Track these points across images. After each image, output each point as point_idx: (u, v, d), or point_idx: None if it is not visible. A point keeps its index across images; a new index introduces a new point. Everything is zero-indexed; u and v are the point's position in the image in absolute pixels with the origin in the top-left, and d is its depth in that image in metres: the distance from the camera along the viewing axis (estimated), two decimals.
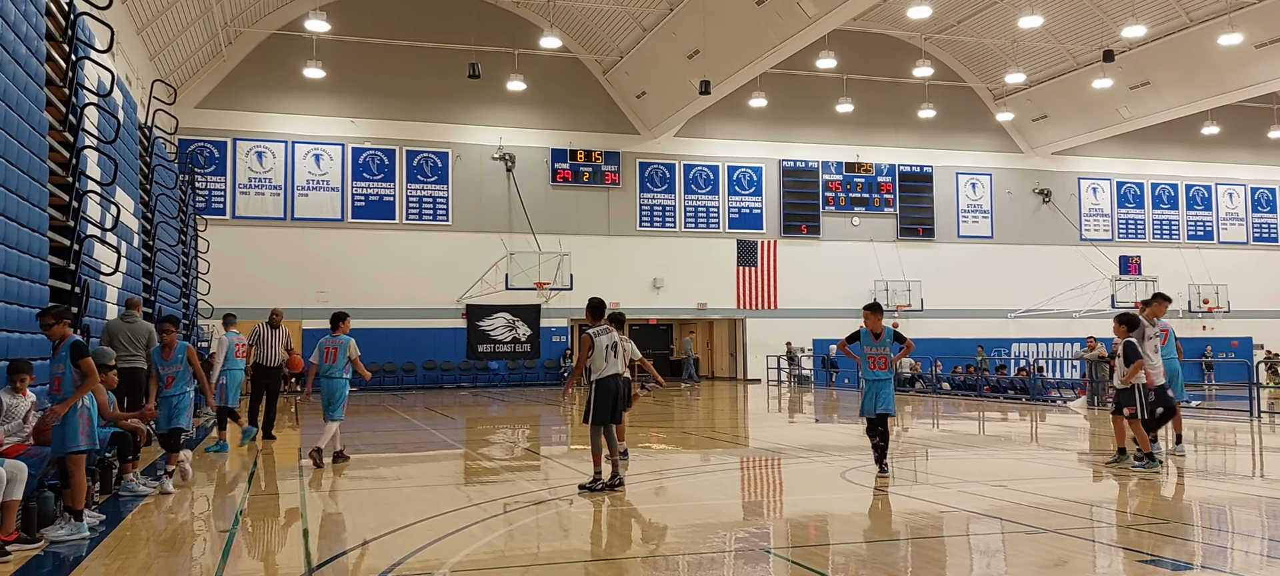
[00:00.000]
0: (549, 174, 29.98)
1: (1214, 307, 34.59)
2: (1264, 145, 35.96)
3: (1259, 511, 8.53)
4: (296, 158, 28.13)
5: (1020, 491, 9.07)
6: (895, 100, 32.19)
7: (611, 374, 8.65)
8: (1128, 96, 29.40)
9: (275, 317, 14.38)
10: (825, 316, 31.48)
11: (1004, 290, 32.02)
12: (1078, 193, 34.73)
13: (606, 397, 8.63)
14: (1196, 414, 19.25)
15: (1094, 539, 7.36)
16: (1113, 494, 9.41)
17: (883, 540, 7.20)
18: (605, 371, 8.60)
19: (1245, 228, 36.45)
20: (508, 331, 28.82)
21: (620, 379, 8.77)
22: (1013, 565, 6.67)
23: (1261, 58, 25.55)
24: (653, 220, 30.91)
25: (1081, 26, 28.38)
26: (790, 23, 22.03)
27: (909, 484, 9.97)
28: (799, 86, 30.80)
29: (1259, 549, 7.01)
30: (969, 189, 33.63)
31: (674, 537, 7.37)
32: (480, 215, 29.24)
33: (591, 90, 30.70)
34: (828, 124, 31.96)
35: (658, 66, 27.69)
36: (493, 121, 29.69)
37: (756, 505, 9.70)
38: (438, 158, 29.27)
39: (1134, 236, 35.20)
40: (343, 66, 27.94)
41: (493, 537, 7.28)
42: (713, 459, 13.03)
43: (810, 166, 32.12)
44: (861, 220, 32.49)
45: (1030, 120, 33.19)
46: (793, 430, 17.38)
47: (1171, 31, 26.81)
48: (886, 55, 31.72)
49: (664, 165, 31.03)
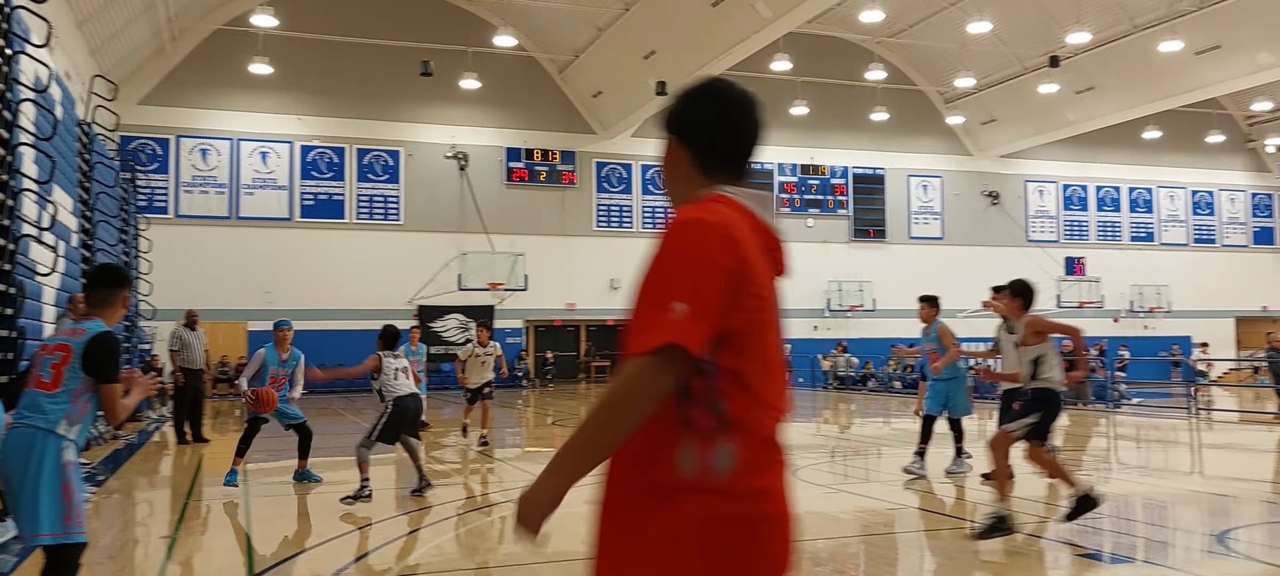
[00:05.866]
0: (503, 173, 29.79)
1: (1155, 308, 35.40)
2: (1203, 149, 36.85)
3: (1199, 508, 8.72)
4: (242, 155, 27.63)
5: (969, 487, 9.17)
6: (849, 103, 32.47)
7: (407, 393, 8.69)
8: (1073, 101, 29.95)
9: (191, 318, 14.19)
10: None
11: (954, 290, 32.25)
12: (1025, 195, 35.31)
13: (400, 419, 8.64)
14: (1137, 411, 19.67)
15: (1040, 535, 7.45)
16: (1054, 490, 9.54)
17: (836, 537, 7.23)
18: (399, 392, 8.64)
19: (1185, 230, 37.33)
20: (461, 332, 28.53)
21: (414, 398, 8.83)
22: (958, 560, 6.74)
23: (1200, 64, 26.17)
24: (610, 220, 30.85)
25: (1029, 32, 28.85)
26: (745, 25, 22.12)
27: (860, 482, 10.05)
28: (754, 88, 29.66)
29: (1197, 543, 7.16)
30: (920, 191, 34.04)
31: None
32: (433, 215, 28.96)
33: (547, 89, 30.56)
34: (783, 126, 32.14)
35: (613, 66, 27.65)
36: (446, 120, 29.41)
37: None
38: (389, 156, 28.93)
39: (1079, 238, 35.87)
40: (291, 63, 27.49)
41: (443, 541, 7.19)
42: None
43: (766, 168, 32.28)
44: (816, 222, 32.73)
45: (979, 123, 33.68)
46: None
47: (1115, 38, 27.35)
48: (840, 58, 31.98)
49: (621, 165, 30.99)
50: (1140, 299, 35.28)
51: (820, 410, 21.37)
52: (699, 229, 1.87)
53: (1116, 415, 18.67)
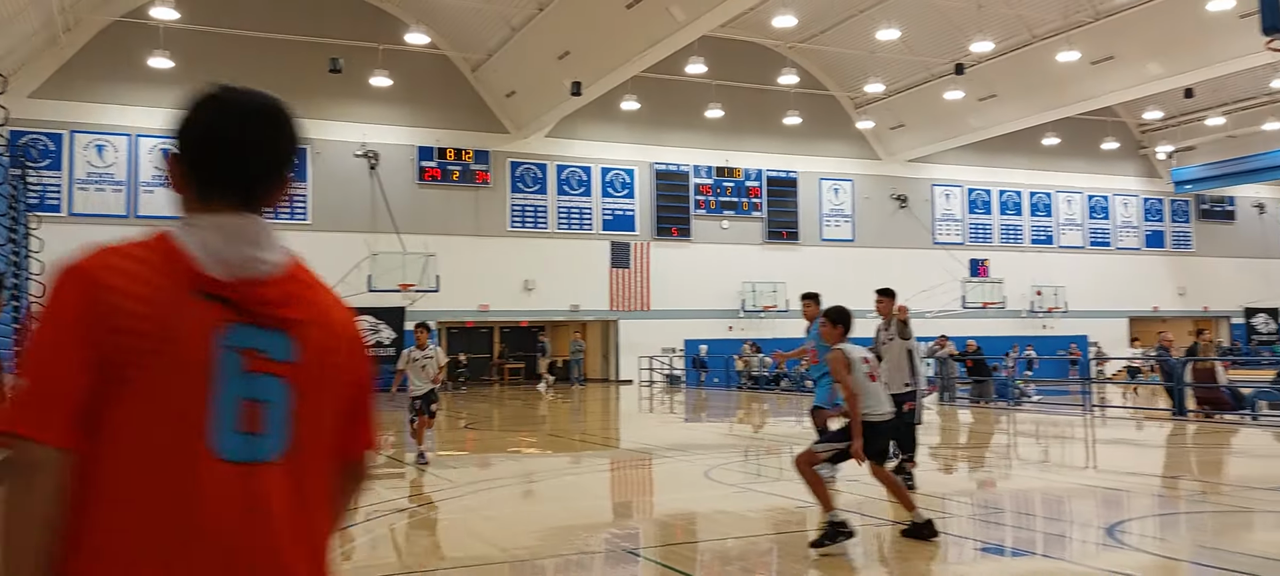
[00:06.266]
0: (415, 172, 29.30)
1: (1053, 308, 36.71)
2: (1098, 156, 38.38)
3: (1094, 501, 9.04)
4: (141, 152, 26.59)
5: (876, 484, 9.33)
6: (763, 107, 32.87)
7: None
8: (976, 108, 30.87)
9: None
10: (697, 318, 31.87)
11: (864, 291, 32.86)
12: (931, 198, 36.25)
13: None
14: (1036, 409, 20.35)
15: (945, 531, 7.62)
16: (957, 486, 9.80)
17: (746, 536, 7.28)
18: None
19: (1082, 233, 38.80)
20: (371, 335, 27.96)
21: None
22: (863, 556, 6.85)
23: (1096, 74, 27.25)
24: (524, 221, 30.61)
25: (934, 40, 29.64)
26: (660, 27, 22.17)
27: (772, 481, 10.14)
28: (670, 90, 31.06)
29: (1093, 537, 7.41)
30: (831, 194, 34.66)
31: (540, 540, 7.27)
32: (341, 214, 28.32)
33: (460, 88, 30.17)
34: (698, 128, 32.36)
35: (528, 66, 27.44)
36: (356, 118, 28.79)
37: (624, 506, 9.68)
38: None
39: (982, 240, 36.97)
40: (193, 57, 26.55)
41: (348, 548, 7.01)
42: (582, 461, 12.97)
43: (681, 170, 32.45)
44: (731, 223, 33.04)
45: (888, 128, 34.45)
46: (662, 430, 17.48)
47: (1016, 47, 28.29)
48: (754, 63, 32.34)
49: (536, 165, 30.78)
50: (1040, 300, 36.54)
51: (733, 410, 21.56)
52: (62, 280, 1.49)
53: (1017, 412, 19.29)
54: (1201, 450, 13.32)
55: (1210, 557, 6.58)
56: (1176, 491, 9.59)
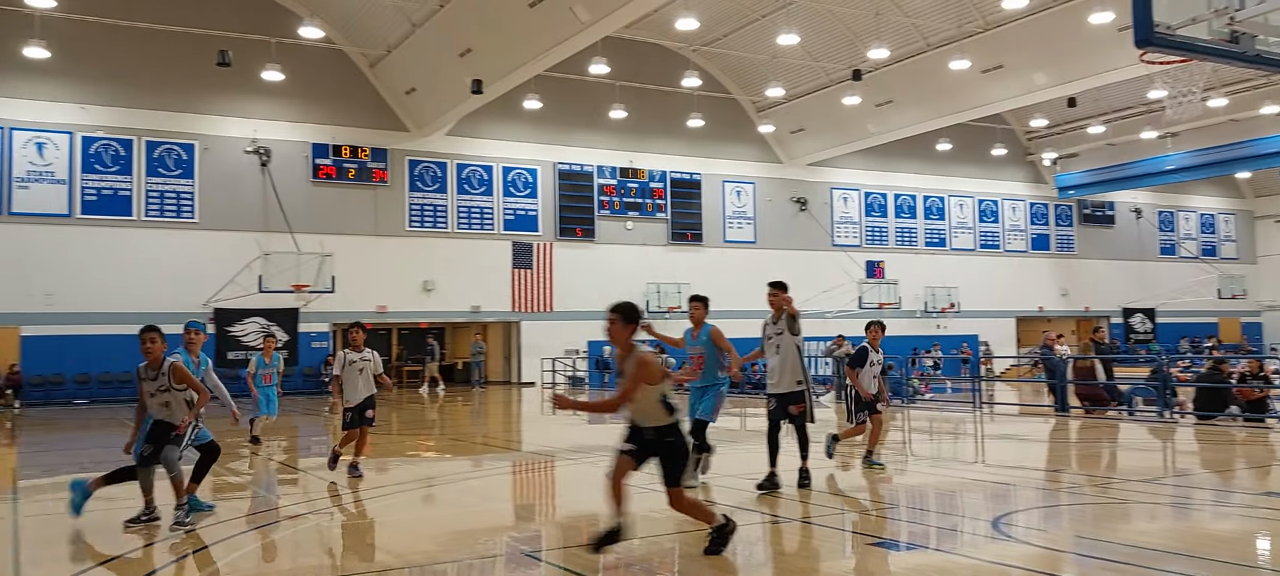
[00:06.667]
0: (310, 170, 28.47)
1: (946, 308, 37.90)
2: (988, 162, 39.81)
3: (983, 494, 9.31)
4: (15, 146, 25.16)
5: (790, 483, 9.41)
6: (667, 109, 33.04)
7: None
8: (874, 113, 31.65)
9: None
10: (600, 319, 31.63)
11: (765, 292, 33.57)
12: (830, 201, 37.03)
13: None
14: (928, 406, 20.95)
15: (842, 527, 7.74)
16: (854, 482, 9.98)
17: (649, 536, 7.24)
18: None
19: (973, 236, 40.19)
20: (262, 337, 27.09)
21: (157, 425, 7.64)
22: (766, 553, 6.90)
23: (986, 82, 28.25)
24: (423, 220, 30.07)
25: (833, 46, 30.28)
26: (563, 27, 22.05)
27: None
28: (574, 90, 30.95)
29: (981, 529, 7.63)
30: (734, 196, 35.07)
31: (440, 546, 7.11)
32: (232, 213, 27.33)
33: (357, 84, 29.46)
34: (602, 129, 32.33)
35: (428, 63, 26.97)
36: (246, 113, 27.82)
37: (526, 509, 9.56)
38: (183, 150, 27.08)
39: (879, 243, 37.93)
40: (72, 47, 25.27)
41: (237, 556, 6.73)
42: (483, 464, 12.78)
43: (585, 170, 32.37)
44: (635, 224, 33.10)
45: (789, 132, 35.04)
46: (565, 433, 17.37)
47: (911, 55, 29.11)
48: (658, 64, 32.48)
49: (435, 164, 30.27)
50: (933, 300, 37.68)
51: None
52: None
53: (912, 409, 19.80)
54: (1082, 444, 13.88)
55: (1089, 547, 6.84)
56: (1058, 484, 9.96)
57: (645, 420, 6.23)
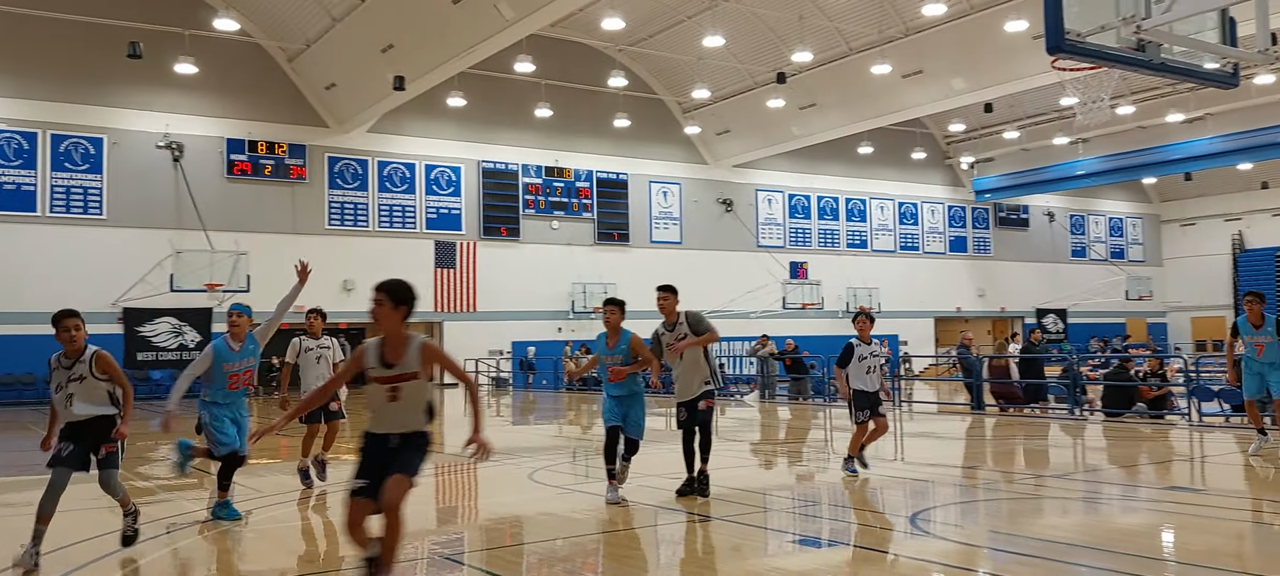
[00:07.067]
0: (224, 166, 27.66)
1: (867, 308, 38.54)
2: (908, 165, 40.65)
3: (902, 491, 9.45)
4: None
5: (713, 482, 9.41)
6: (593, 108, 32.94)
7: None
8: (797, 116, 32.03)
9: None
10: (525, 319, 31.57)
11: (692, 292, 33.27)
12: (755, 203, 37.37)
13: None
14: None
15: (765, 526, 7.76)
16: (776, 481, 10.04)
17: (573, 537, 7.17)
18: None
19: (893, 238, 40.98)
20: (174, 337, 26.22)
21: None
22: (693, 553, 6.88)
23: (906, 87, 28.81)
24: (344, 218, 29.45)
25: (758, 49, 30.54)
26: (487, 24, 21.80)
27: (598, 481, 10.07)
28: (499, 88, 30.64)
29: (900, 526, 7.73)
30: (660, 197, 35.14)
31: (359, 550, 6.90)
32: (142, 209, 26.39)
33: (275, 79, 28.72)
34: (528, 127, 32.08)
35: (349, 58, 26.43)
36: (158, 107, 26.89)
37: (448, 512, 9.39)
38: (90, 144, 26.05)
39: (802, 244, 38.41)
40: None
41: (145, 564, 6.45)
42: None
43: (510, 169, 32.07)
44: (561, 224, 32.93)
45: (714, 134, 35.26)
46: (487, 433, 17.14)
47: (834, 59, 29.53)
48: (584, 64, 32.37)
49: (356, 161, 29.67)
50: (855, 300, 38.30)
51: (561, 412, 21.47)
52: None
53: (833, 408, 20.06)
54: (997, 442, 14.22)
55: (1003, 542, 6.97)
56: (975, 481, 10.17)
57: (399, 426, 5.17)
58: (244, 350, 7.95)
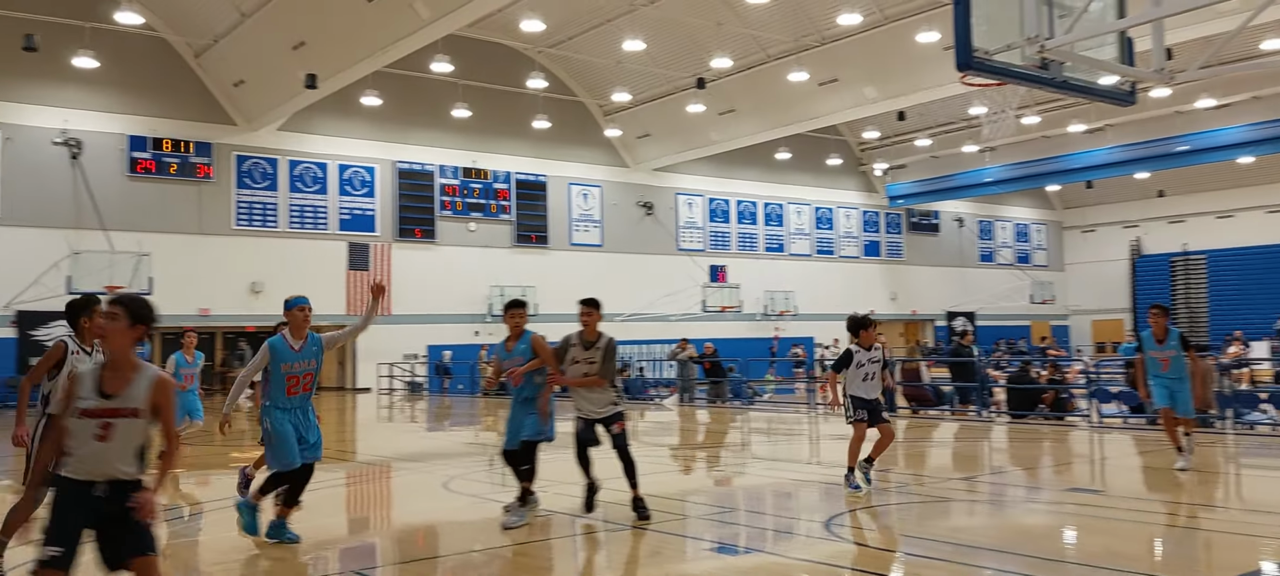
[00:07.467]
0: (126, 164, 26.62)
1: (784, 312, 39.11)
2: (824, 171, 41.37)
3: (816, 493, 9.56)
4: None
5: (617, 490, 9.39)
6: (512, 109, 32.65)
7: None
8: (717, 121, 32.29)
9: None
10: (442, 322, 31.12)
11: (612, 295, 33.45)
12: (675, 206, 37.55)
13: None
14: (766, 407, 21.51)
15: (681, 533, 7.77)
16: (693, 485, 10.08)
17: (489, 547, 7.06)
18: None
19: (810, 242, 41.63)
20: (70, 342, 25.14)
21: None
22: (611, 560, 6.84)
23: (822, 94, 29.28)
24: (252, 219, 28.61)
25: (678, 54, 30.69)
26: (403, 23, 21.41)
27: (515, 489, 9.96)
28: (415, 88, 30.16)
29: (815, 530, 7.81)
30: (581, 199, 35.04)
31: (268, 563, 6.70)
32: (37, 208, 25.23)
33: (180, 74, 27.75)
34: (445, 128, 31.64)
35: (258, 55, 25.69)
36: (55, 101, 25.74)
37: (359, 522, 9.19)
38: None
39: (722, 247, 38.74)
40: None
41: None
42: (314, 475, 12.18)
43: (426, 170, 31.59)
44: (479, 226, 32.56)
45: (635, 137, 35.31)
46: (401, 440, 16.89)
47: (752, 65, 29.85)
48: (503, 65, 32.07)
49: (266, 160, 28.86)
50: (773, 303, 38.80)
51: (477, 417, 21.22)
52: None
53: (751, 411, 20.26)
54: (908, 443, 14.52)
55: (913, 545, 7.10)
56: (887, 483, 10.35)
57: (104, 473, 4.03)
58: (305, 350, 7.03)
